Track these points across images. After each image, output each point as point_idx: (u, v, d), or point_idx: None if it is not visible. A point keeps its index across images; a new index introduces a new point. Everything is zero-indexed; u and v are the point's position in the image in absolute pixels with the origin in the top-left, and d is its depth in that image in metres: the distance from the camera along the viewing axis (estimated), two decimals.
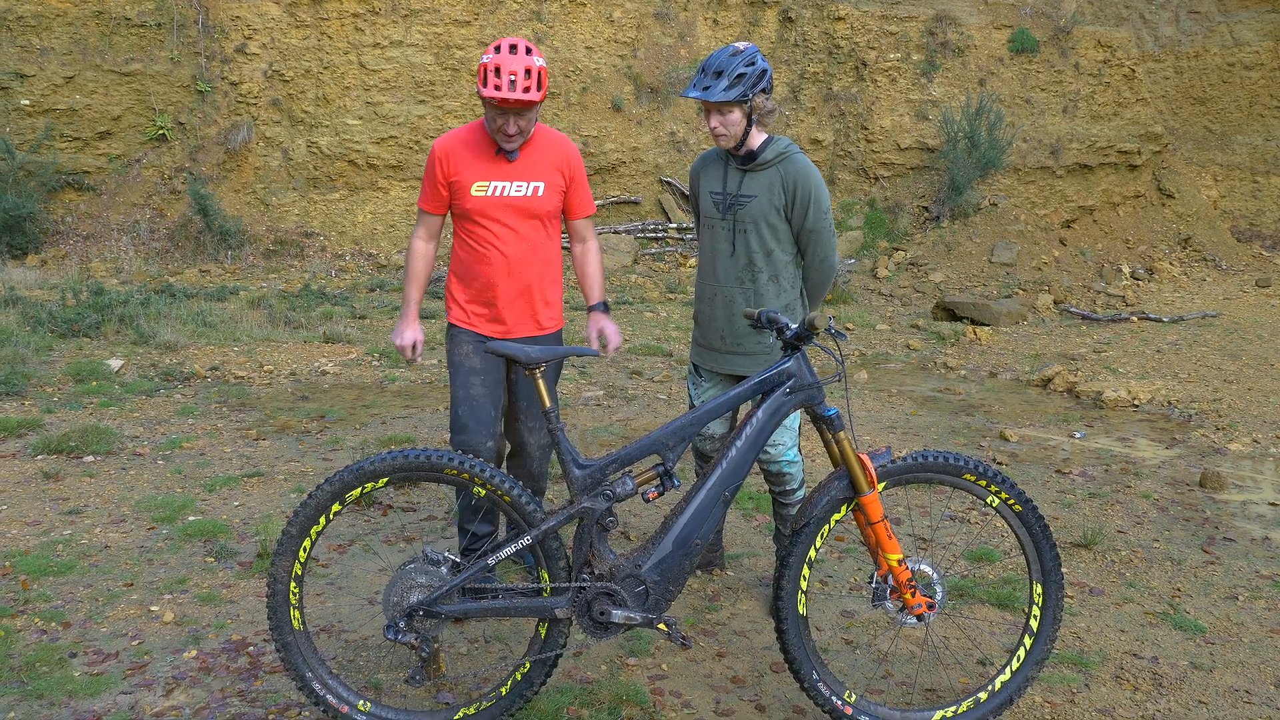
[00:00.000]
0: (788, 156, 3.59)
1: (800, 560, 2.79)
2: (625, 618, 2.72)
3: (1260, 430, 6.70)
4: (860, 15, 15.14)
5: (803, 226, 3.61)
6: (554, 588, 2.75)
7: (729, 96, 3.36)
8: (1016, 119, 14.99)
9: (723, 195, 3.65)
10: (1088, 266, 14.08)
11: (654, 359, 8.91)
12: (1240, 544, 4.65)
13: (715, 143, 3.61)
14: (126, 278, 11.63)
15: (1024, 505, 2.85)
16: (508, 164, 3.41)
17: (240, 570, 4.05)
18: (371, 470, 2.63)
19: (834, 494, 2.79)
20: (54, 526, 4.46)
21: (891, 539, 2.81)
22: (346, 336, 9.09)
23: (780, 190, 3.57)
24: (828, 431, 2.80)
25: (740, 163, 3.61)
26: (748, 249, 3.62)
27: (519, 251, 3.47)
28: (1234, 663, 3.46)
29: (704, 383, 3.83)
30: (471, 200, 3.41)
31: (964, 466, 2.79)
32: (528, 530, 2.70)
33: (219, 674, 3.21)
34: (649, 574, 2.75)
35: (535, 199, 3.45)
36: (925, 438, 6.48)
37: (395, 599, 2.68)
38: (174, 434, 6.00)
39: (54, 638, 3.43)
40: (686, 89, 3.51)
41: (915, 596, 2.82)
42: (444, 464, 2.65)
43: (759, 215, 3.59)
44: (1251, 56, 16.33)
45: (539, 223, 3.50)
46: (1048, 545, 2.88)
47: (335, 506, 2.65)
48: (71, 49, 12.70)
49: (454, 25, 13.90)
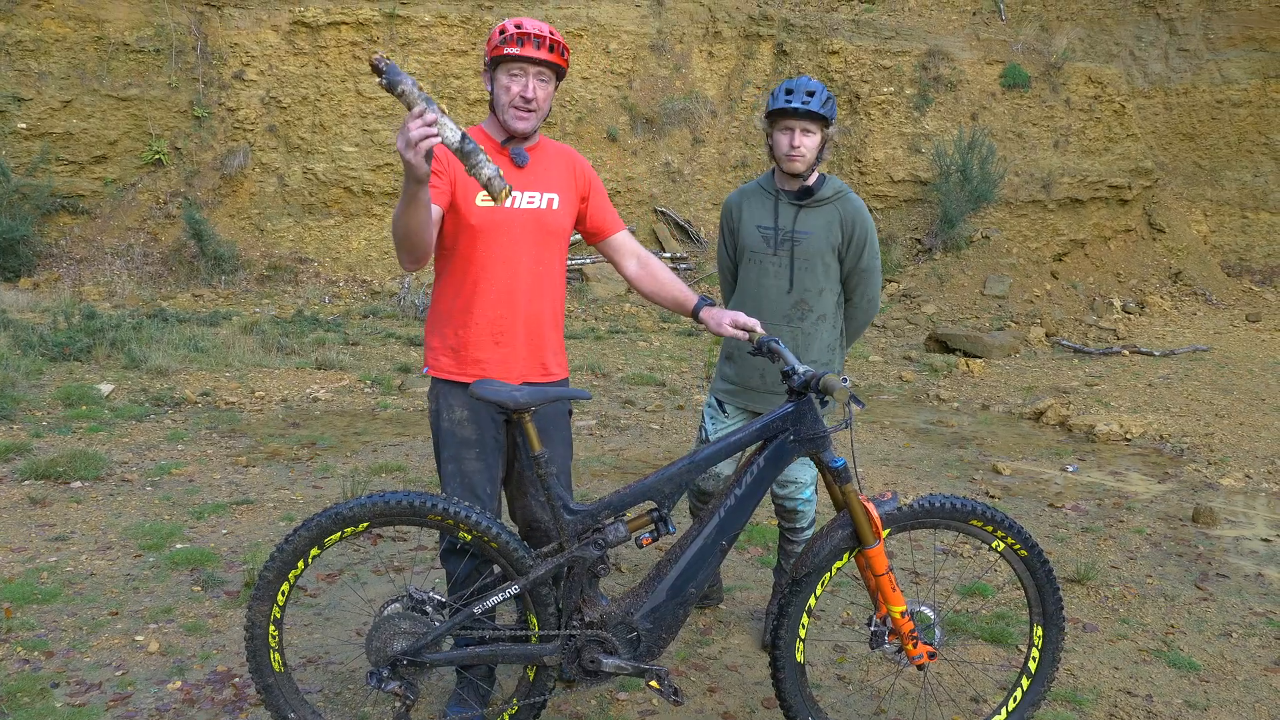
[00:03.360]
0: (844, 195, 3.58)
1: (800, 608, 2.75)
2: (616, 666, 2.66)
3: (1252, 465, 6.70)
4: (854, 50, 15.35)
5: (856, 266, 3.59)
6: (543, 634, 2.67)
7: (825, 111, 3.40)
8: (1008, 153, 15.19)
9: (774, 230, 3.58)
10: (1079, 300, 14.21)
11: (647, 388, 8.93)
12: (1234, 580, 4.65)
13: (786, 163, 3.50)
14: (119, 301, 11.68)
15: (1030, 550, 2.83)
16: (516, 170, 2.87)
17: (227, 600, 4.01)
18: (350, 515, 2.55)
19: (836, 543, 2.74)
20: (39, 553, 4.40)
21: (896, 590, 2.76)
22: (339, 363, 9.09)
23: (839, 229, 3.55)
24: (833, 480, 2.74)
25: (794, 198, 3.57)
26: (802, 286, 3.56)
27: (531, 277, 2.88)
28: (1229, 701, 3.46)
29: (727, 419, 3.73)
30: (476, 213, 2.80)
31: (971, 512, 2.77)
32: (516, 579, 2.62)
33: (203, 706, 3.16)
34: (641, 622, 2.68)
35: (550, 212, 2.89)
36: (918, 470, 6.45)
37: (378, 645, 2.59)
38: (163, 460, 5.95)
39: (36, 667, 3.38)
40: (775, 102, 3.43)
41: (917, 647, 2.77)
42: (427, 508, 2.57)
43: (815, 253, 3.54)
44: (1239, 94, 16.57)
45: (553, 243, 2.93)
46: (1051, 590, 2.86)
47: (314, 551, 2.58)
48: (69, 73, 12.82)
49: (450, 54, 14.05)
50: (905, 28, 16.07)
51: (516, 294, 2.87)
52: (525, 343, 2.91)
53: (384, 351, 10.01)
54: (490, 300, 2.85)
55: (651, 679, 2.68)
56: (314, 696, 3.24)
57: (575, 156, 3.04)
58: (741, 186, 3.80)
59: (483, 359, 2.88)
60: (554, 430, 2.99)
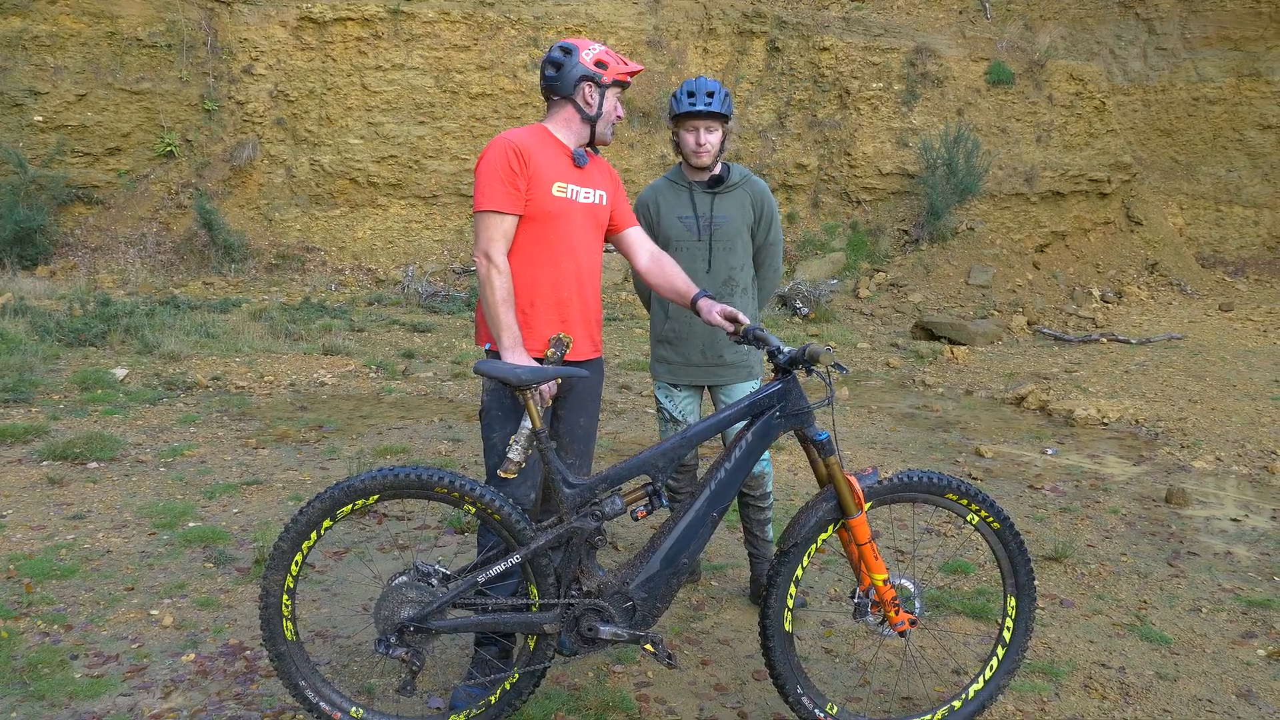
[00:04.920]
0: (749, 178, 3.92)
1: (788, 579, 2.81)
2: (613, 634, 2.72)
3: (1223, 448, 6.81)
4: (844, 46, 15.65)
5: (765, 240, 3.95)
6: (543, 604, 2.74)
7: (725, 109, 3.68)
8: (993, 147, 15.51)
9: (695, 218, 3.85)
10: (1060, 289, 14.51)
11: (643, 374, 9.08)
12: (1204, 558, 4.72)
13: (694, 159, 3.78)
14: (132, 289, 11.88)
15: (1002, 523, 2.90)
16: (578, 169, 3.11)
17: (238, 576, 4.06)
18: (362, 487, 2.64)
19: (822, 515, 2.81)
20: (58, 531, 4.48)
21: (878, 559, 2.83)
22: (345, 349, 9.22)
23: (750, 209, 3.88)
24: (817, 454, 2.82)
25: (707, 187, 3.86)
26: (727, 265, 3.85)
27: (590, 263, 3.15)
28: (1197, 673, 3.52)
29: (679, 395, 3.94)
30: (554, 201, 3.02)
31: (947, 486, 2.85)
32: (517, 549, 2.70)
33: (216, 677, 3.22)
34: (636, 591, 2.75)
35: (601, 207, 3.18)
36: (904, 453, 6.58)
37: (386, 613, 2.66)
38: (176, 442, 6.04)
39: (56, 640, 3.44)
40: (680, 106, 3.71)
41: (899, 614, 2.85)
42: (434, 482, 2.65)
43: (734, 233, 3.85)
44: (1215, 91, 16.92)
45: (601, 234, 3.22)
46: (1023, 561, 2.93)
47: (326, 522, 2.65)
48: (84, 68, 13.06)
49: (454, 50, 14.33)
50: (894, 25, 16.35)
51: (579, 276, 3.10)
52: (582, 321, 3.13)
53: (388, 338, 10.16)
54: (556, 281, 3.06)
55: (647, 643, 2.74)
56: (323, 668, 3.29)
57: (606, 163, 3.31)
58: (653, 183, 4.02)
59: (548, 335, 3.04)
60: (589, 404, 3.22)
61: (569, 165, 3.09)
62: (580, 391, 3.19)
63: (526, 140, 3.02)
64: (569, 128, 3.12)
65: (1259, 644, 3.80)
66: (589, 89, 3.07)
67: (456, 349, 9.92)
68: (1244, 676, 3.52)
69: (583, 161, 3.10)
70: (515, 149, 2.96)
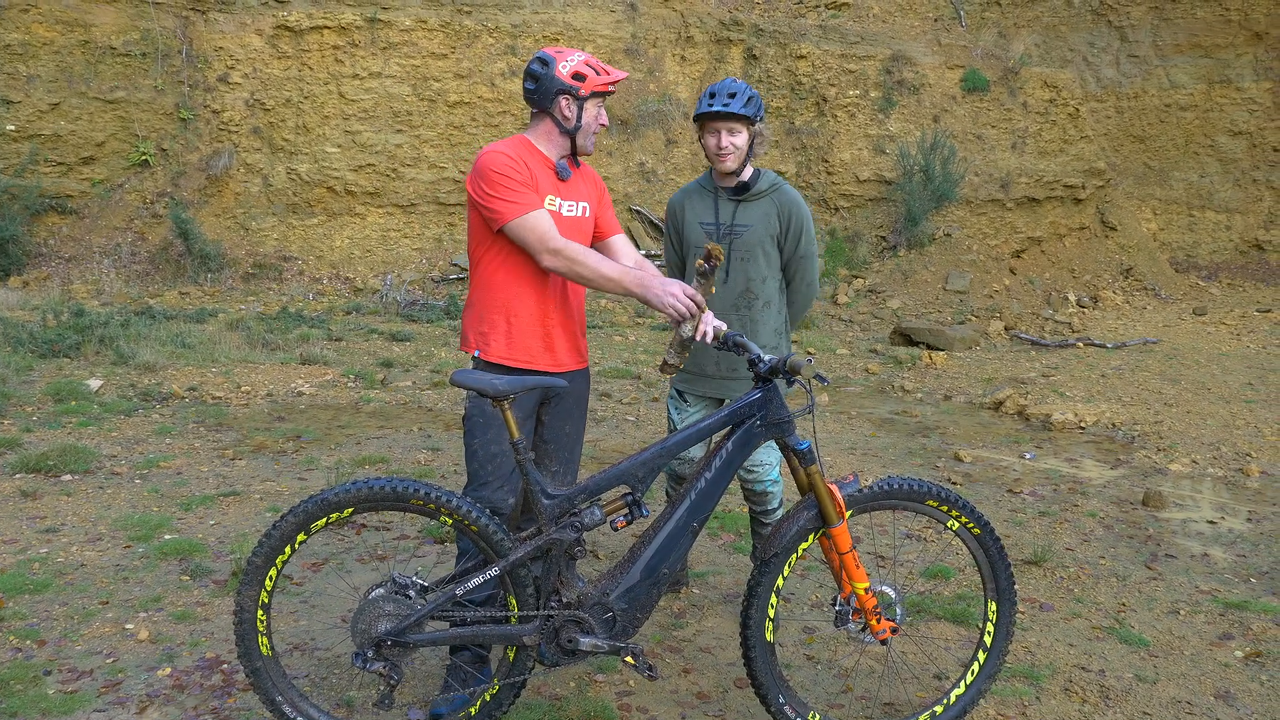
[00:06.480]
0: (779, 187, 3.75)
1: (769, 589, 2.81)
2: (593, 645, 2.70)
3: (1199, 451, 6.87)
4: (821, 54, 15.75)
5: (794, 253, 3.76)
6: (522, 615, 2.72)
7: (747, 111, 3.53)
8: (969, 154, 15.64)
9: (716, 225, 3.73)
10: (1036, 294, 14.62)
11: (623, 381, 9.07)
12: (1181, 560, 4.77)
13: (718, 163, 3.66)
14: (107, 299, 11.73)
15: (982, 529, 2.92)
16: (561, 182, 3.13)
17: (215, 589, 4.04)
18: (336, 501, 2.60)
19: (803, 524, 2.80)
20: (31, 545, 4.43)
21: (859, 567, 2.83)
22: (323, 358, 9.15)
23: (776, 219, 3.71)
24: (798, 463, 2.80)
25: (733, 193, 3.73)
26: (745, 276, 3.70)
27: None
28: (1176, 675, 3.56)
29: (689, 408, 3.86)
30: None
31: (927, 492, 2.86)
32: (496, 561, 2.68)
33: (193, 691, 3.19)
34: (616, 602, 2.73)
35: (585, 219, 3.19)
36: (883, 458, 6.60)
37: (363, 627, 2.62)
38: (151, 453, 6.00)
39: (29, 655, 3.40)
40: (701, 107, 3.58)
41: (880, 622, 2.85)
42: (410, 494, 2.63)
43: (755, 244, 3.70)
44: (1186, 98, 17.17)
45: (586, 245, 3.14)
46: (1003, 566, 2.96)
47: (301, 536, 2.62)
48: (57, 76, 12.92)
49: (431, 58, 14.30)
50: (870, 33, 16.45)
51: (563, 289, 3.14)
52: (569, 331, 3.17)
53: (367, 347, 10.10)
54: (541, 295, 3.08)
55: (627, 655, 2.73)
56: (300, 681, 3.26)
57: (591, 170, 3.34)
58: (684, 187, 3.92)
59: (533, 345, 3.09)
60: (576, 412, 3.25)
61: (553, 179, 3.10)
62: (567, 400, 3.21)
63: (519, 150, 3.05)
64: (550, 140, 3.13)
65: (1236, 645, 3.83)
66: (566, 102, 3.06)
67: (435, 358, 9.87)
68: (1222, 678, 3.55)
69: (566, 174, 3.12)
70: (513, 159, 2.99)
